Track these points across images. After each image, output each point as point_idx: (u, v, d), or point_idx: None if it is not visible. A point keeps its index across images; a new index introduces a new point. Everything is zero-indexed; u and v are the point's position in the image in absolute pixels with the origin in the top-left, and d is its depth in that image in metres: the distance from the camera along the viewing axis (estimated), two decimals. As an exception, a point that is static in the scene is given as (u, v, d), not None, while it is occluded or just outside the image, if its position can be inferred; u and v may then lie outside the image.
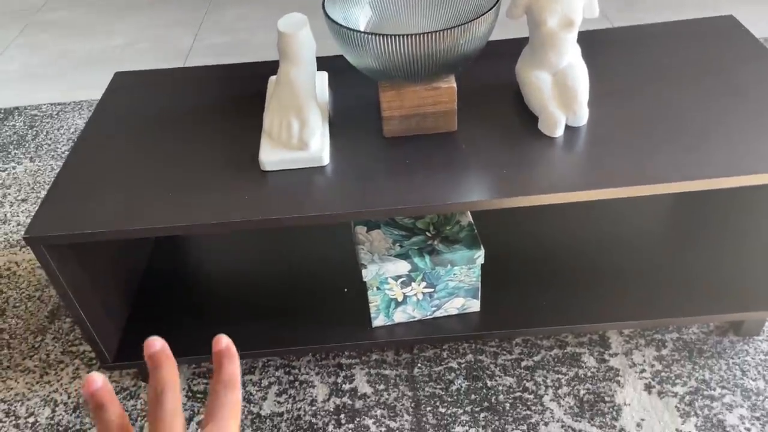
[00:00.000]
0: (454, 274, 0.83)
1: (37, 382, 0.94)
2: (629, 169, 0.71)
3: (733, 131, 0.75)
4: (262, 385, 0.91)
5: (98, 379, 0.36)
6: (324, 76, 0.89)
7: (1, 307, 1.07)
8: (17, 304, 1.07)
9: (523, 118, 0.80)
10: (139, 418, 0.88)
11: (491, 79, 0.87)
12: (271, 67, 0.95)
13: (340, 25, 0.70)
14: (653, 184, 0.69)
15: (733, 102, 0.79)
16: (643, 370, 0.88)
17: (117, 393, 0.91)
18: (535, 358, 0.90)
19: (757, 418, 0.81)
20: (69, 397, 0.92)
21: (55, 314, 1.04)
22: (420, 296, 0.85)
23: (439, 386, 0.88)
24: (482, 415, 0.84)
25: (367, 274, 0.81)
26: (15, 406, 0.92)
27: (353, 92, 0.88)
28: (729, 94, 0.80)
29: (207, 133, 0.83)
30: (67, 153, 1.40)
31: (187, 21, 1.92)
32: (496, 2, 0.71)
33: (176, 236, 1.05)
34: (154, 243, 1.05)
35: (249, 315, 0.91)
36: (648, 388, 0.86)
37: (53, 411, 0.91)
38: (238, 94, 0.90)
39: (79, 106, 1.56)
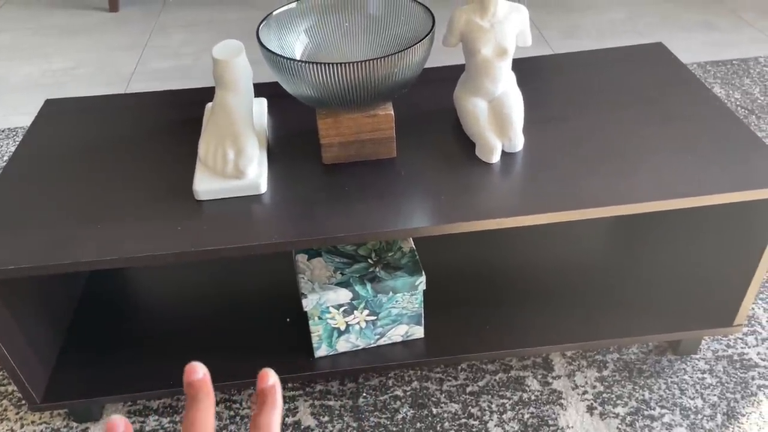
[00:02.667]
0: (397, 301, 0.83)
1: (-40, 426, 0.89)
2: (563, 194, 0.72)
3: (662, 155, 0.77)
4: (202, 420, 0.88)
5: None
6: (263, 102, 0.88)
7: None
8: (-60, 343, 1.01)
9: (461, 144, 0.80)
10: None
11: (430, 106, 0.88)
12: (210, 93, 0.94)
13: (275, 54, 0.69)
14: (587, 208, 0.70)
15: (662, 126, 0.82)
16: (585, 392, 0.88)
17: (47, 435, 0.87)
18: (480, 383, 0.90)
19: (696, 436, 0.83)
20: (-6, 441, 0.87)
21: (-18, 352, 0.99)
22: (363, 324, 0.84)
23: (384, 415, 0.87)
24: (428, 443, 0.83)
25: (308, 303, 0.79)
26: (-66, 453, 0.86)
27: (293, 118, 0.87)
28: (658, 119, 0.83)
29: (139, 162, 0.81)
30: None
31: (131, 45, 1.89)
32: (431, 30, 0.72)
33: (113, 267, 1.01)
34: (88, 273, 1.01)
35: (188, 348, 0.88)
36: (590, 409, 0.86)
37: (-23, 457, 0.85)
38: (175, 121, 0.89)
39: (14, 132, 1.50)
